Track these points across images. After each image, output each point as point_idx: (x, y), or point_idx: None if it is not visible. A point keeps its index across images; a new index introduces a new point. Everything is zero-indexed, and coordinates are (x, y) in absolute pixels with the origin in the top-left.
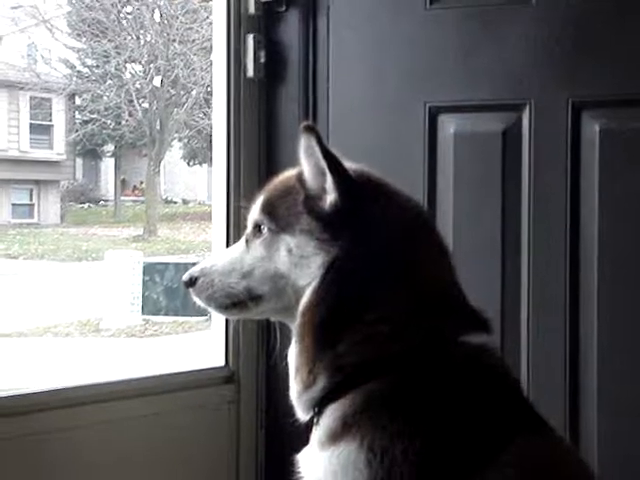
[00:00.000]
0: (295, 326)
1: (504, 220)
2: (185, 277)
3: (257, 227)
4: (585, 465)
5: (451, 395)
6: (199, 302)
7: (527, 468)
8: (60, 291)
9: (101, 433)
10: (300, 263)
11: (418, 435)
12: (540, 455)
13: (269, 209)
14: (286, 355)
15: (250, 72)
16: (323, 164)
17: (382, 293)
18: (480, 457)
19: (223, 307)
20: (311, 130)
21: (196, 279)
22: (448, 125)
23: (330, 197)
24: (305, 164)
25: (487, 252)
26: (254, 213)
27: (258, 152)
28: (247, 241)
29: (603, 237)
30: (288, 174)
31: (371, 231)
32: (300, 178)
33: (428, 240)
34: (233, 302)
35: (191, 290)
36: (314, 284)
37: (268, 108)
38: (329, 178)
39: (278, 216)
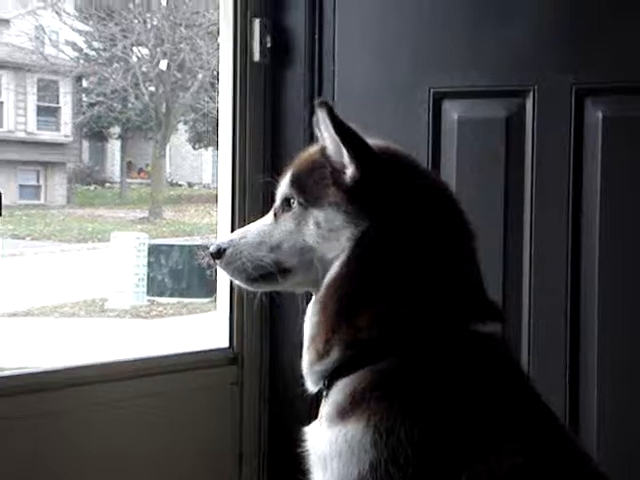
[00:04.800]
0: (318, 297)
1: (507, 205)
2: (213, 248)
3: (286, 201)
4: (586, 453)
5: (459, 381)
6: (226, 274)
7: (530, 455)
8: (66, 271)
9: (105, 412)
10: (328, 236)
11: (424, 418)
12: (543, 443)
13: (298, 183)
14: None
15: (256, 56)
16: (337, 138)
17: (405, 272)
18: (484, 443)
19: (251, 279)
20: (325, 105)
21: (224, 251)
22: (452, 110)
23: (349, 171)
24: (327, 139)
25: (490, 237)
26: (283, 187)
27: (263, 136)
28: (275, 215)
29: (605, 222)
30: (314, 149)
31: (397, 206)
32: (324, 152)
33: (454, 221)
34: (261, 274)
35: (218, 262)
36: (342, 257)
37: (274, 92)
38: (345, 152)
39: (307, 190)
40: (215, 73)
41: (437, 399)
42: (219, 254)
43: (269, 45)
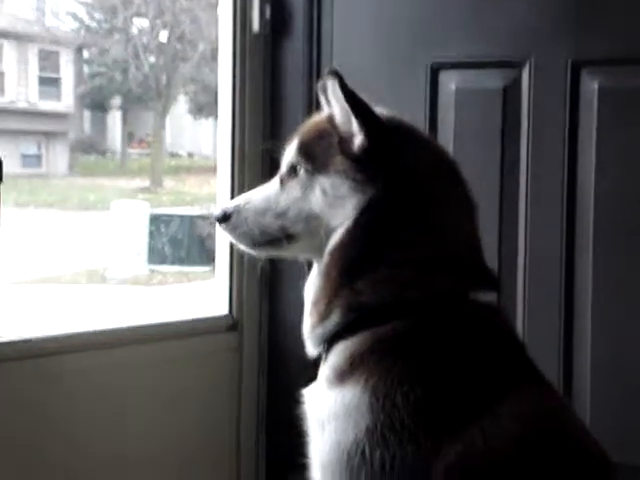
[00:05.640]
0: (322, 263)
1: (502, 176)
2: (218, 212)
3: (292, 168)
4: (579, 419)
5: (455, 347)
6: (231, 238)
7: (524, 420)
8: (68, 240)
9: (105, 378)
10: (334, 204)
11: (419, 381)
12: (537, 408)
13: (305, 151)
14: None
15: (255, 27)
16: (347, 107)
17: (408, 239)
18: (478, 407)
19: (257, 244)
20: (336, 75)
21: (230, 215)
22: (449, 81)
23: (358, 139)
24: (335, 107)
25: (485, 207)
26: (290, 154)
27: (263, 106)
28: (282, 181)
29: (600, 193)
30: (320, 117)
31: (403, 175)
32: (332, 121)
33: (457, 190)
34: (267, 240)
35: (223, 226)
36: (347, 224)
37: (273, 63)
38: (354, 121)
39: (314, 157)
40: (215, 45)
41: (434, 365)
42: (225, 218)
43: (268, 16)
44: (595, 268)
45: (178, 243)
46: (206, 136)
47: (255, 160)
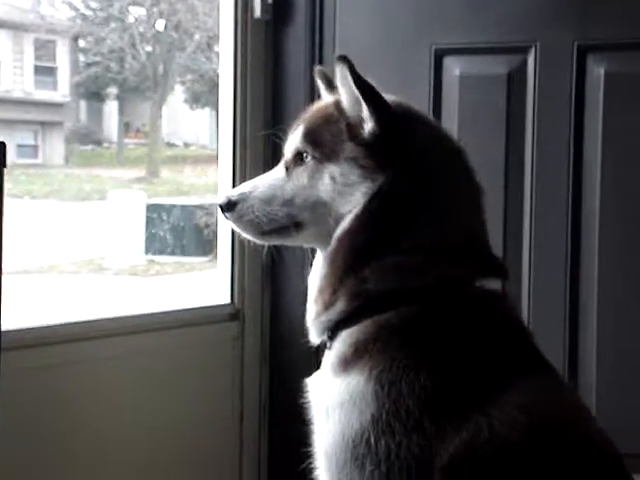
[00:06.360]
0: (328, 251)
1: (507, 162)
2: (222, 200)
3: (299, 155)
4: (586, 407)
5: (460, 334)
6: (235, 227)
7: (530, 409)
8: (65, 230)
9: (106, 368)
10: (343, 191)
11: (425, 369)
12: (543, 397)
13: (312, 137)
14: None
15: (257, 13)
16: (357, 93)
17: (415, 226)
18: (484, 395)
19: (264, 233)
20: (344, 60)
21: (235, 204)
22: (453, 67)
23: (368, 126)
24: (342, 93)
25: (490, 193)
26: (295, 141)
27: (264, 93)
28: (287, 169)
29: (606, 177)
30: (325, 103)
31: (412, 161)
32: (339, 107)
33: (464, 177)
34: (275, 228)
35: (228, 214)
36: (356, 211)
37: (275, 49)
38: (364, 107)
39: (322, 144)
40: (211, 34)
41: (439, 352)
42: (229, 207)
43: (270, 1)
44: (601, 254)
45: (175, 233)
46: (203, 126)
47: (257, 147)
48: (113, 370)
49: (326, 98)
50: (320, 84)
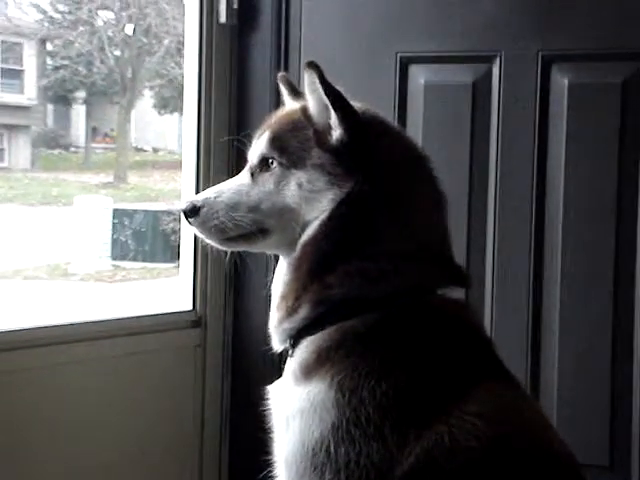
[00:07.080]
0: (293, 257)
1: (472, 171)
2: (186, 206)
3: (264, 160)
4: (546, 416)
5: (421, 342)
6: (199, 233)
7: (490, 417)
8: (30, 235)
9: (67, 373)
10: (310, 198)
11: (386, 377)
12: (503, 405)
13: (279, 143)
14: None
15: (222, 18)
16: (326, 100)
17: (380, 233)
18: (444, 403)
19: (229, 239)
20: (314, 66)
21: (199, 209)
22: (419, 75)
23: (336, 133)
24: (310, 100)
25: (454, 202)
26: (261, 147)
27: (229, 98)
28: (252, 174)
29: (569, 187)
30: (291, 109)
31: (379, 169)
32: (306, 113)
33: (429, 185)
34: (240, 234)
35: (192, 220)
36: (322, 217)
37: (240, 54)
38: (333, 114)
39: (289, 151)
40: (181, 39)
41: (400, 360)
42: (193, 212)
43: (236, 6)
44: (564, 264)
45: (142, 239)
46: (171, 131)
47: (221, 153)
48: (73, 376)
49: (289, 104)
50: (283, 90)
